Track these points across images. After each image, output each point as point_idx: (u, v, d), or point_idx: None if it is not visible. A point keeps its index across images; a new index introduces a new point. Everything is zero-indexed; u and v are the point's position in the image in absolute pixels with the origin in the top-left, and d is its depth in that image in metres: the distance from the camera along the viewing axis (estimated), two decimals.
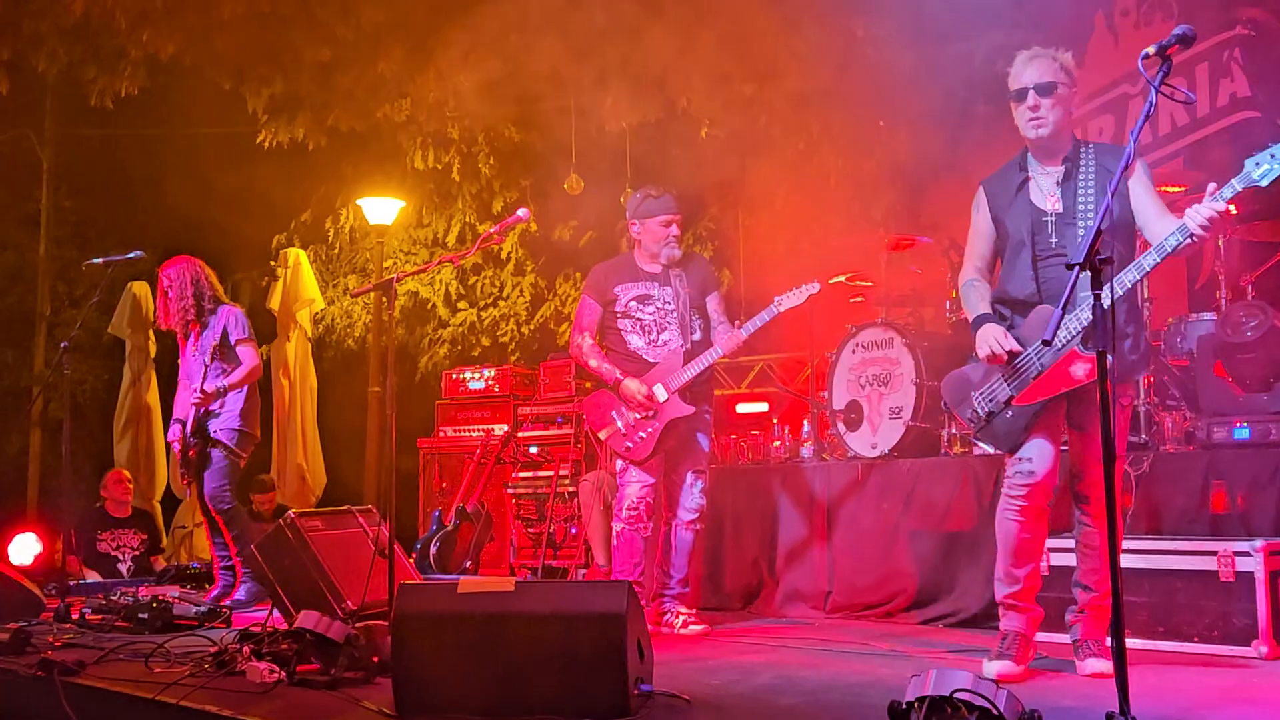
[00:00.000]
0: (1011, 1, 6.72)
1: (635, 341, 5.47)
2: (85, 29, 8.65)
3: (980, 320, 4.08)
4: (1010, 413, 3.94)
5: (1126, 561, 4.10)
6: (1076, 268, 3.04)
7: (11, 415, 13.11)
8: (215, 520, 6.36)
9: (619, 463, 5.51)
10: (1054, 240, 3.98)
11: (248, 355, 6.38)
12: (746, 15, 7.56)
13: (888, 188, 7.72)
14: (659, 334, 5.44)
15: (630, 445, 5.37)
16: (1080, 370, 3.79)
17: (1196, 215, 3.55)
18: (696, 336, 5.44)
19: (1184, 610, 4.41)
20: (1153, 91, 3.22)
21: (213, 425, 6.35)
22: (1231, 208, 5.74)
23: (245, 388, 6.41)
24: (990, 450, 5.01)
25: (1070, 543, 4.78)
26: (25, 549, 7.12)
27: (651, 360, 5.41)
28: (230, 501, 6.35)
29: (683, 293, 5.45)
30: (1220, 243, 5.72)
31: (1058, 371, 3.84)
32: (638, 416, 5.32)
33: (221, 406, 6.34)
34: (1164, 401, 5.57)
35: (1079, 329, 3.77)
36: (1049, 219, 4.00)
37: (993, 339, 3.96)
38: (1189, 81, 6.90)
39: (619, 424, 5.40)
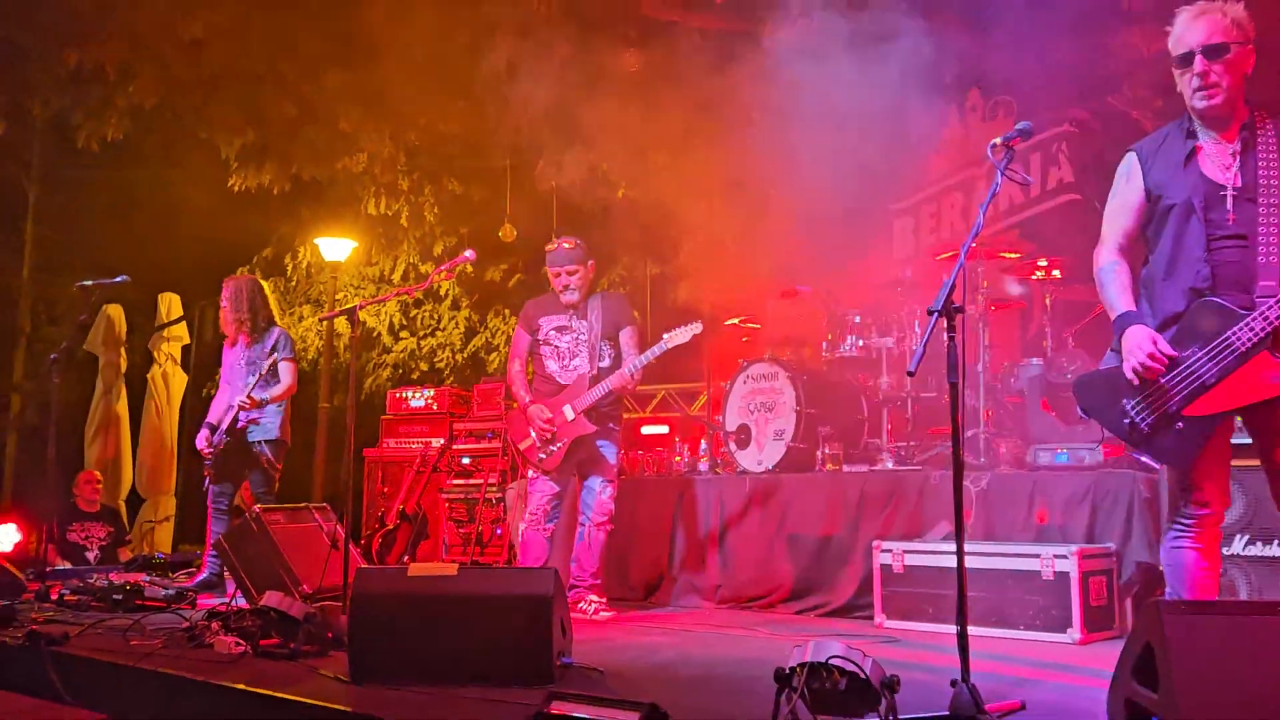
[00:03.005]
0: (877, 90, 6.94)
1: (551, 365, 5.55)
2: (77, 79, 8.47)
3: (1126, 320, 3.11)
4: (1180, 425, 3.00)
5: (968, 563, 4.22)
6: (935, 314, 3.11)
7: None
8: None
9: (531, 471, 5.55)
10: (1231, 218, 3.02)
11: (288, 373, 6.21)
12: (663, 95, 7.73)
13: (777, 245, 7.90)
14: (571, 360, 5.51)
15: (543, 456, 5.42)
16: (1277, 378, 2.91)
17: None
18: (605, 364, 5.49)
19: (1013, 604, 4.54)
20: (999, 174, 3.28)
21: (254, 434, 6.15)
22: (1056, 272, 6.07)
23: (285, 402, 6.27)
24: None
25: (925, 546, 4.98)
26: (6, 537, 6.87)
27: (563, 382, 5.48)
28: (272, 499, 6.17)
29: (595, 325, 5.51)
30: (1048, 301, 6.00)
31: (1244, 379, 2.94)
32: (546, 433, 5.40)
33: (263, 415, 6.15)
34: (1000, 431, 5.78)
35: (1266, 329, 2.92)
36: (1226, 194, 3.05)
37: (1143, 346, 3.01)
38: (1025, 167, 7.21)
39: (534, 438, 5.46)
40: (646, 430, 8.25)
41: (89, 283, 5.90)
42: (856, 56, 6.13)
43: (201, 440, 6.25)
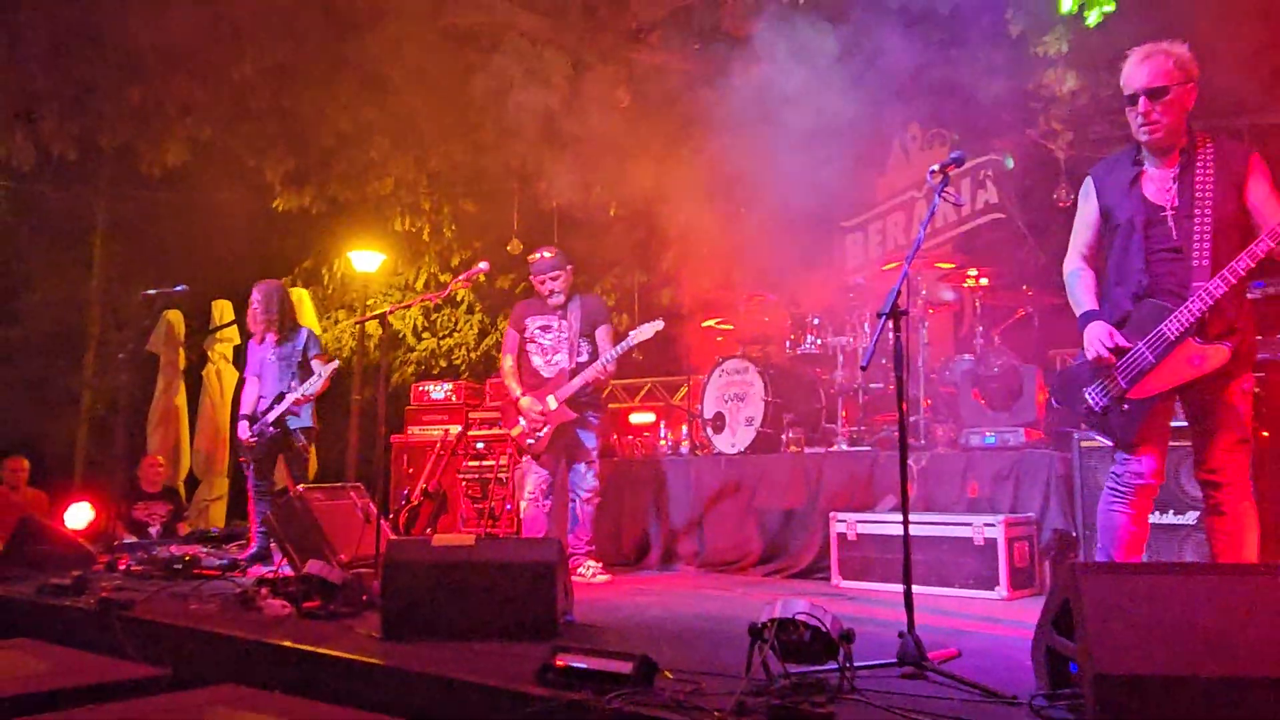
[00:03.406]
0: (832, 124, 6.91)
1: (536, 360, 5.51)
2: (140, 113, 8.38)
3: (1087, 317, 3.16)
4: (1126, 406, 3.06)
5: (912, 531, 4.21)
6: (883, 317, 3.13)
7: (62, 412, 12.54)
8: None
9: (525, 457, 5.52)
10: (1171, 234, 3.03)
11: (326, 370, 6.06)
12: (649, 126, 7.72)
13: (747, 257, 7.90)
14: (553, 355, 5.47)
15: (531, 442, 5.39)
16: (1199, 361, 2.96)
17: None
18: (582, 358, 5.43)
19: (950, 566, 4.57)
20: (936, 196, 3.30)
21: (292, 423, 6.04)
22: (984, 280, 6.08)
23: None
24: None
25: (874, 516, 4.98)
26: (80, 515, 6.80)
27: (546, 375, 5.44)
28: (307, 480, 6.07)
29: (575, 324, 5.45)
30: (977, 305, 6.02)
31: (1174, 363, 2.99)
32: (535, 422, 5.38)
33: (299, 409, 6.04)
34: (937, 417, 5.80)
35: (1191, 320, 2.95)
36: (1166, 213, 3.05)
37: (1100, 338, 3.08)
38: (958, 190, 7.24)
39: (524, 425, 5.43)
40: (635, 418, 8.26)
41: (152, 291, 5.81)
42: (814, 99, 6.15)
43: (244, 431, 6.17)
